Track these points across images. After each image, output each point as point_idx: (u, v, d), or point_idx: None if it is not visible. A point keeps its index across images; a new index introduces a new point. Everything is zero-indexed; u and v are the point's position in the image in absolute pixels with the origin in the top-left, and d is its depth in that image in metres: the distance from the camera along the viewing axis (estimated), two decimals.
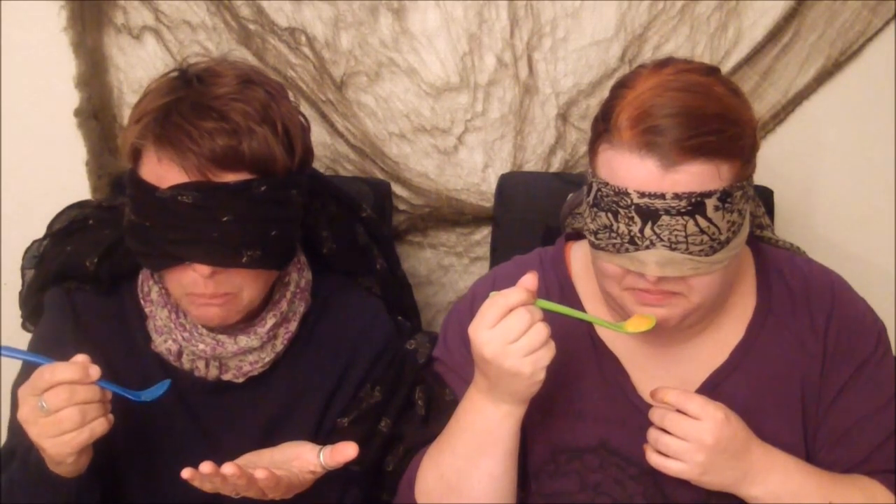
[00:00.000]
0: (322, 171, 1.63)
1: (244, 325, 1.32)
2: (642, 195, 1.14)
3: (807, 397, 1.29)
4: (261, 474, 1.15)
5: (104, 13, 1.68)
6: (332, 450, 1.22)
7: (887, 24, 1.70)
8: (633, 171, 1.14)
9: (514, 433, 1.23)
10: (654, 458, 1.23)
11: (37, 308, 1.40)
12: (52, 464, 1.17)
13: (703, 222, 1.14)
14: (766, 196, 1.61)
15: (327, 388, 1.38)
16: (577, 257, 1.37)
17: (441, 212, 1.77)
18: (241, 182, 1.22)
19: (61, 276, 1.37)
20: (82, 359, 1.13)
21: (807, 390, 1.29)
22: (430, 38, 1.71)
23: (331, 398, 1.38)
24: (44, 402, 1.11)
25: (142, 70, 1.69)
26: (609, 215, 1.17)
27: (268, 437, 1.32)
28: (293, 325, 1.36)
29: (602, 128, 1.18)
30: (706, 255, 1.16)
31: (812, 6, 1.69)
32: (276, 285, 1.35)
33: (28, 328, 1.44)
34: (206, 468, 1.13)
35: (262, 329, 1.32)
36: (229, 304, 1.27)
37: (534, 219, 1.62)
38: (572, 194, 1.46)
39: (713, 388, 1.28)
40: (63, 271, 1.37)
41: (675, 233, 1.14)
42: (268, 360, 1.34)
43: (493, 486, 1.24)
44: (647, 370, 1.31)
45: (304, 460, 1.23)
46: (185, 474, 1.13)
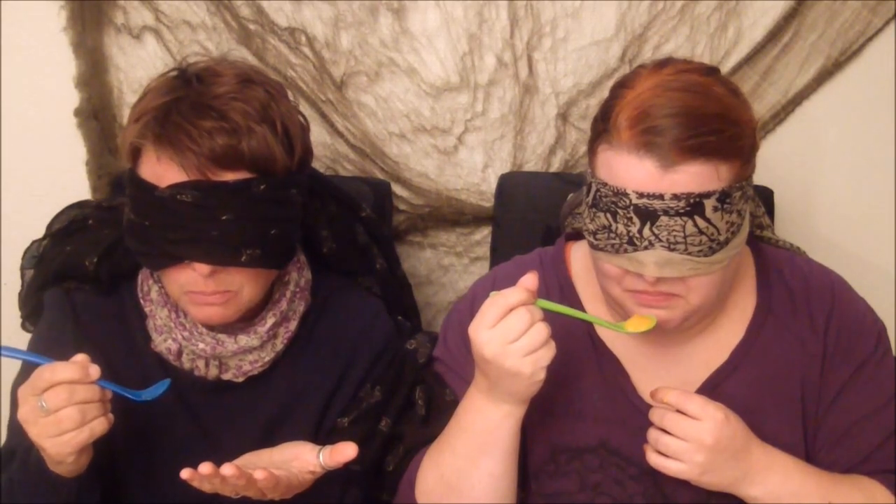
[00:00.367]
0: (322, 171, 1.63)
1: (244, 324, 1.32)
2: (641, 195, 1.14)
3: (807, 397, 1.29)
4: (260, 475, 1.15)
5: (104, 13, 1.68)
6: (332, 450, 1.22)
7: (887, 24, 1.70)
8: (632, 171, 1.14)
9: (515, 433, 1.23)
10: (653, 459, 1.23)
11: (36, 308, 1.40)
12: (52, 463, 1.17)
13: (701, 223, 1.14)
14: (766, 196, 1.61)
15: (327, 388, 1.38)
16: (578, 257, 1.37)
17: (441, 212, 1.77)
18: (240, 181, 1.22)
19: (61, 275, 1.37)
20: (82, 358, 1.13)
21: (807, 390, 1.29)
22: (430, 38, 1.71)
23: (331, 398, 1.38)
24: (43, 402, 1.11)
25: (142, 70, 1.69)
26: (608, 216, 1.17)
27: (267, 437, 1.32)
28: (293, 325, 1.36)
29: (601, 128, 1.18)
30: (705, 255, 1.16)
31: (812, 6, 1.69)
32: (275, 285, 1.35)
33: (28, 328, 1.44)
34: (206, 469, 1.13)
35: (261, 328, 1.32)
36: (229, 302, 1.27)
37: (534, 219, 1.62)
38: (572, 194, 1.46)
39: (713, 388, 1.28)
40: (63, 271, 1.37)
41: (674, 233, 1.14)
42: (268, 359, 1.34)
43: (494, 486, 1.24)
44: (647, 370, 1.31)
45: (303, 460, 1.23)
46: (185, 475, 1.13)
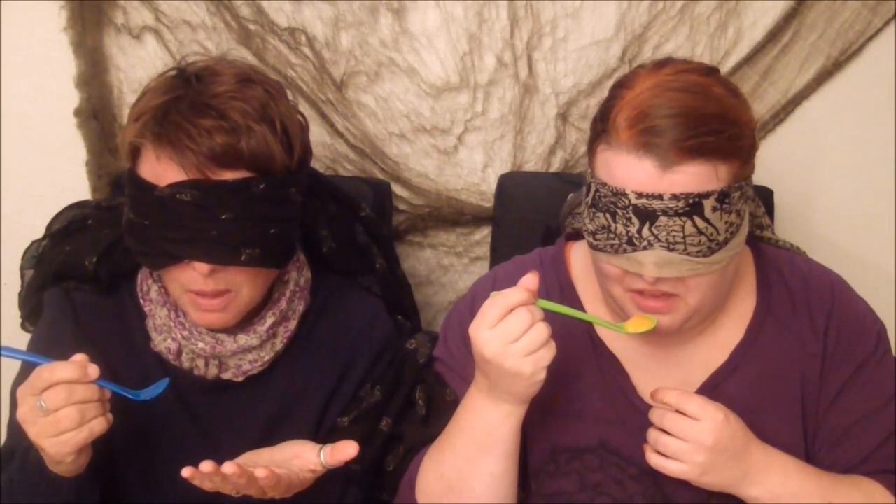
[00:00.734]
0: (322, 170, 1.63)
1: (244, 323, 1.32)
2: (640, 196, 1.14)
3: (807, 397, 1.29)
4: (261, 473, 1.15)
5: (104, 13, 1.67)
6: (333, 449, 1.22)
7: (887, 24, 1.70)
8: (631, 171, 1.14)
9: (515, 433, 1.23)
10: (653, 459, 1.23)
11: (36, 308, 1.40)
12: (51, 463, 1.17)
13: (700, 223, 1.14)
14: (766, 196, 1.61)
15: (327, 388, 1.38)
16: (578, 257, 1.37)
17: (441, 212, 1.77)
18: (239, 180, 1.22)
19: (60, 275, 1.37)
20: (81, 358, 1.13)
21: (807, 390, 1.29)
22: (430, 38, 1.71)
23: (330, 397, 1.38)
24: (43, 402, 1.11)
25: (142, 70, 1.69)
26: (607, 216, 1.17)
27: (267, 437, 1.32)
28: (292, 324, 1.36)
29: (600, 128, 1.18)
30: (704, 255, 1.16)
31: (812, 6, 1.69)
32: (275, 284, 1.35)
33: (27, 328, 1.44)
34: (207, 467, 1.13)
35: (261, 327, 1.32)
36: (229, 305, 1.27)
37: (534, 219, 1.62)
38: (572, 194, 1.46)
39: (713, 388, 1.28)
40: (62, 271, 1.37)
41: (673, 233, 1.14)
42: (267, 358, 1.34)
43: (494, 485, 1.24)
44: (647, 370, 1.31)
45: (304, 459, 1.23)
46: (186, 473, 1.13)
